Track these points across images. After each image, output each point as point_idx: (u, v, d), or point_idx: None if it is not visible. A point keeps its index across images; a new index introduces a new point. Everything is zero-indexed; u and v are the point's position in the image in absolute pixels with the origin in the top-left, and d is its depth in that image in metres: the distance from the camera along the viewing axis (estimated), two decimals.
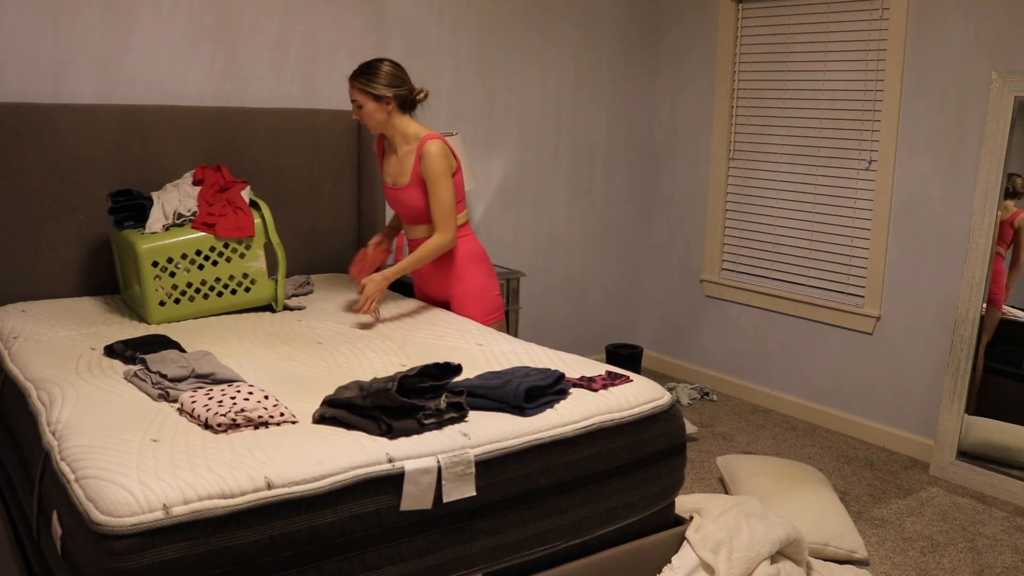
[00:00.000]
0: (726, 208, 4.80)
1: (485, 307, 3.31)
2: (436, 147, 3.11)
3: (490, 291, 3.33)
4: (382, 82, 3.12)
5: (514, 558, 2.20)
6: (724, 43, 4.68)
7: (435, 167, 3.10)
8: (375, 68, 3.13)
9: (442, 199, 3.12)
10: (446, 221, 3.14)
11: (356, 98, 3.15)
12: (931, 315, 3.94)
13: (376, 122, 3.18)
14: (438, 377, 2.21)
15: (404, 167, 3.22)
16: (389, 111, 3.16)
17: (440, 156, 3.11)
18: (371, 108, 3.14)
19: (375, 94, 3.12)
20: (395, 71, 3.16)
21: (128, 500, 1.72)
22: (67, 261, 3.36)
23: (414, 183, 3.18)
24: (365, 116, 3.17)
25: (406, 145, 3.21)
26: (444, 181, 3.12)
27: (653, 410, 2.45)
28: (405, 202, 3.24)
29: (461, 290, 3.30)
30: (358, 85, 3.13)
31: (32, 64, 3.33)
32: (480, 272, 3.32)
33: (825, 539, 2.98)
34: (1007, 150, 3.57)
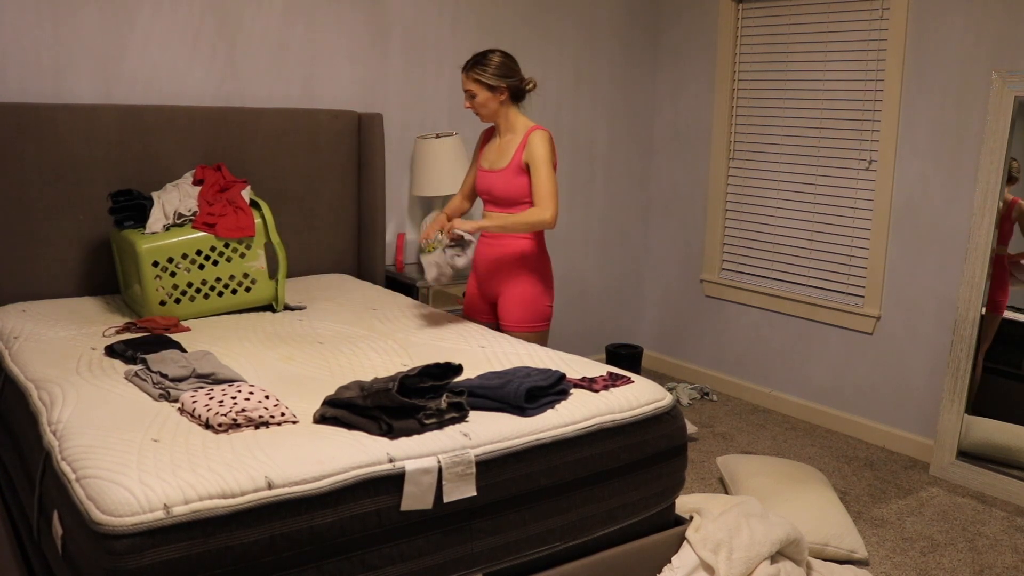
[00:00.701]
0: (726, 208, 4.80)
1: (533, 313, 3.26)
2: (544, 135, 3.17)
3: (542, 299, 3.29)
4: (496, 72, 3.16)
5: (514, 558, 2.20)
6: (724, 43, 4.68)
7: (541, 151, 3.14)
8: (488, 58, 3.17)
9: (545, 180, 3.13)
10: (549, 199, 3.13)
11: (470, 88, 3.18)
12: (931, 315, 3.94)
13: (489, 111, 3.21)
14: (439, 377, 2.21)
15: (505, 152, 3.24)
16: (501, 100, 3.19)
17: (546, 143, 3.15)
18: (484, 98, 3.17)
19: (489, 84, 3.15)
20: (508, 62, 3.20)
21: (129, 500, 1.72)
22: (67, 261, 3.36)
23: (512, 167, 3.19)
24: (478, 105, 3.20)
25: (510, 133, 3.24)
26: (548, 166, 3.14)
27: (654, 411, 2.45)
28: (497, 184, 3.24)
29: (513, 291, 3.26)
30: (473, 75, 3.16)
31: (32, 64, 3.33)
32: (537, 279, 3.28)
33: (825, 539, 2.98)
34: (1007, 150, 3.57)
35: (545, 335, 3.32)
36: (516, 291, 3.26)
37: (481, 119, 3.27)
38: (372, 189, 3.97)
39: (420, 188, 4.13)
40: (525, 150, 3.16)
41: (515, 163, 3.19)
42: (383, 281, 4.04)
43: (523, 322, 3.25)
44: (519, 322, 3.24)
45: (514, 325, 3.24)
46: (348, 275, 3.98)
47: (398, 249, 4.22)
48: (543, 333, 3.31)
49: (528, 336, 3.19)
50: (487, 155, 3.33)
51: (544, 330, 3.31)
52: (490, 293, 3.36)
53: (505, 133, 3.26)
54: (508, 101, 3.22)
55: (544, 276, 3.30)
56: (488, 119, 3.26)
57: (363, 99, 4.10)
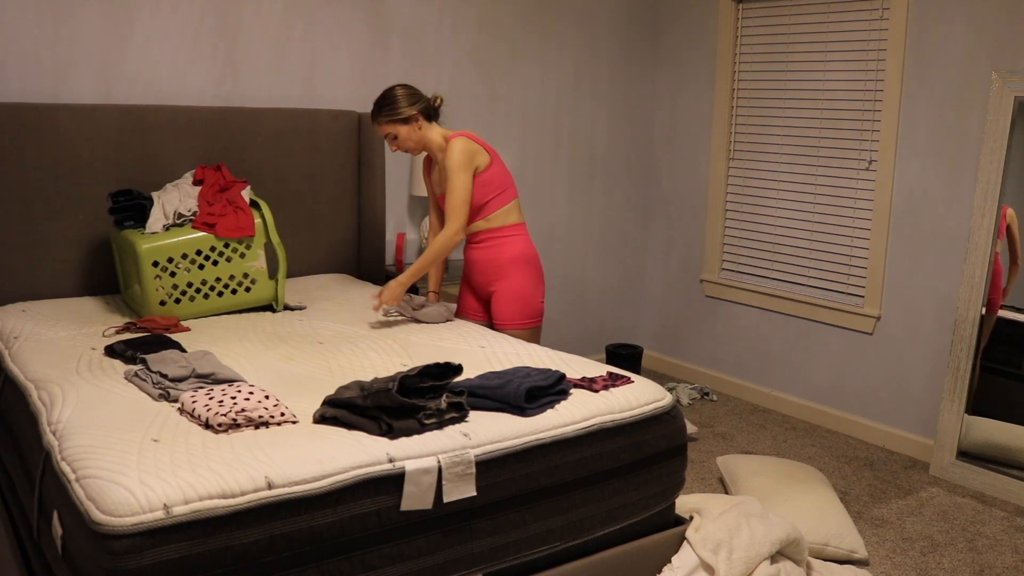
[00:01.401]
0: (726, 208, 4.80)
1: (524, 310, 3.28)
2: (459, 143, 3.17)
3: (534, 296, 3.31)
4: (405, 104, 3.17)
5: (514, 558, 2.20)
6: (724, 43, 4.68)
7: (452, 160, 3.15)
8: (392, 96, 3.20)
9: (456, 191, 3.15)
10: (453, 212, 3.16)
11: (388, 131, 3.21)
12: (931, 315, 3.94)
13: (414, 143, 3.24)
14: (439, 377, 2.21)
15: (444, 173, 3.25)
16: (419, 127, 3.21)
17: (460, 151, 3.15)
18: (404, 132, 3.20)
19: (403, 118, 3.17)
20: (409, 90, 3.23)
21: (129, 500, 1.72)
22: (67, 261, 3.36)
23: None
24: (403, 142, 3.22)
25: (440, 152, 3.26)
26: (459, 175, 3.15)
27: (654, 411, 2.45)
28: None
29: (504, 288, 3.28)
30: (384, 119, 3.19)
31: (32, 64, 3.32)
32: (527, 275, 3.30)
33: (825, 539, 2.98)
34: (1007, 150, 3.57)
35: (538, 332, 3.34)
36: (508, 289, 3.28)
37: (413, 154, 3.29)
38: (372, 189, 3.97)
39: (420, 188, 4.13)
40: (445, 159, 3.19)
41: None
42: (383, 281, 4.03)
43: (516, 319, 3.27)
44: (512, 319, 3.26)
45: (507, 323, 3.26)
46: (348, 275, 3.98)
47: (398, 249, 4.22)
48: (536, 330, 3.33)
49: (521, 333, 3.21)
50: (435, 181, 3.38)
51: (537, 326, 3.33)
52: (482, 293, 3.39)
53: (437, 154, 3.28)
54: (425, 124, 3.22)
55: (534, 272, 3.32)
56: (417, 150, 3.28)
57: (363, 99, 4.09)
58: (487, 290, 3.35)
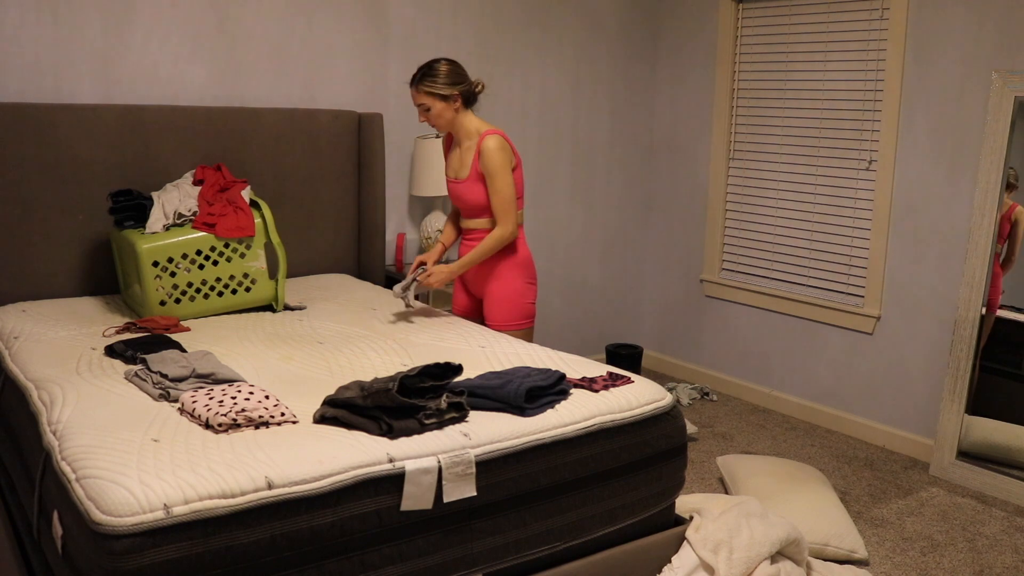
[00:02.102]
0: (726, 208, 4.80)
1: (516, 311, 3.29)
2: (494, 142, 3.14)
3: (525, 297, 3.31)
4: (447, 80, 3.14)
5: (514, 558, 2.20)
6: (724, 43, 4.68)
7: (494, 161, 3.13)
8: (436, 68, 3.15)
9: (501, 192, 3.15)
10: (506, 214, 3.16)
11: (423, 101, 3.15)
12: (931, 315, 3.94)
13: (445, 121, 3.20)
14: (439, 377, 2.21)
15: (465, 161, 3.24)
16: (456, 108, 3.19)
17: (498, 151, 3.13)
18: (439, 108, 3.16)
19: (441, 94, 3.14)
20: (455, 68, 3.18)
21: (129, 500, 1.72)
22: (67, 261, 3.36)
23: (473, 177, 3.21)
24: (434, 117, 3.18)
25: (468, 140, 3.24)
26: (503, 175, 3.14)
27: (654, 411, 2.44)
28: (464, 196, 3.26)
29: (496, 289, 3.29)
30: (424, 88, 3.14)
31: (32, 64, 3.32)
32: (519, 276, 3.30)
33: (825, 539, 2.98)
34: (1007, 150, 3.57)
35: (530, 332, 3.35)
36: (500, 290, 3.28)
37: (438, 130, 3.27)
38: (372, 189, 3.97)
39: (420, 188, 4.13)
40: (480, 159, 3.16)
41: (474, 172, 3.20)
42: (383, 281, 4.04)
43: (507, 320, 3.27)
44: (503, 321, 3.27)
45: (498, 324, 3.26)
46: (348, 275, 3.98)
47: (398, 249, 4.22)
48: (528, 331, 3.34)
49: (513, 335, 3.20)
50: (451, 164, 3.35)
51: (528, 327, 3.34)
52: (476, 293, 3.40)
53: (463, 140, 3.26)
54: (462, 108, 3.20)
55: (527, 273, 3.32)
56: (445, 129, 3.25)
57: (363, 99, 4.10)
58: (480, 289, 3.36)
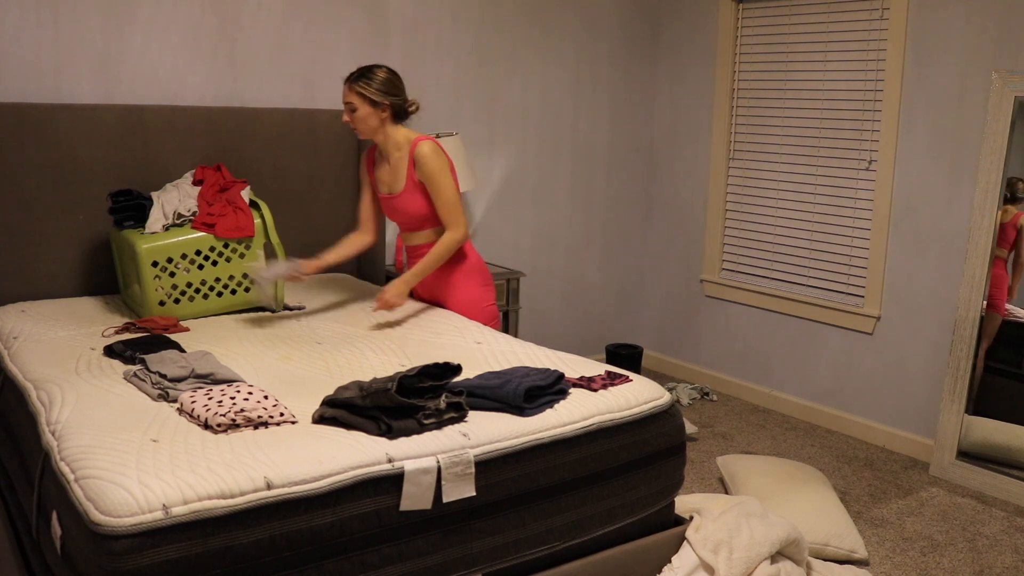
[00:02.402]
0: (726, 208, 4.80)
1: (478, 317, 3.26)
2: (428, 147, 3.11)
3: (485, 300, 3.31)
4: (381, 87, 3.10)
5: (514, 558, 2.20)
6: (724, 43, 4.68)
7: (432, 166, 3.11)
8: (373, 73, 3.11)
9: (445, 194, 3.13)
10: (455, 216, 3.14)
11: (351, 100, 3.11)
12: (931, 315, 3.94)
13: (368, 127, 3.15)
14: (438, 377, 2.21)
15: (398, 174, 3.21)
16: (383, 118, 3.15)
17: (434, 155, 3.11)
18: (365, 112, 3.11)
19: (371, 99, 3.10)
20: (393, 79, 3.15)
21: (128, 500, 1.72)
22: (67, 261, 3.36)
23: (410, 188, 3.18)
24: (357, 120, 3.13)
25: (397, 152, 3.20)
26: (443, 177, 3.12)
27: (653, 410, 2.45)
28: (403, 208, 3.24)
29: (455, 300, 3.29)
30: (356, 88, 3.10)
31: (32, 64, 3.33)
32: (475, 282, 3.30)
33: (825, 539, 2.98)
34: (1007, 150, 3.57)
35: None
36: (457, 299, 3.27)
37: (358, 135, 3.21)
38: None
39: None
40: (416, 168, 3.13)
41: (410, 183, 3.17)
42: (383, 281, 4.03)
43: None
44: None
45: None
46: (348, 275, 3.98)
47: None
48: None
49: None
50: (382, 179, 3.30)
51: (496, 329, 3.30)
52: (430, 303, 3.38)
53: (392, 152, 3.21)
54: (389, 120, 3.16)
55: (481, 277, 3.32)
56: (366, 135, 3.19)
57: None
58: (438, 301, 3.35)
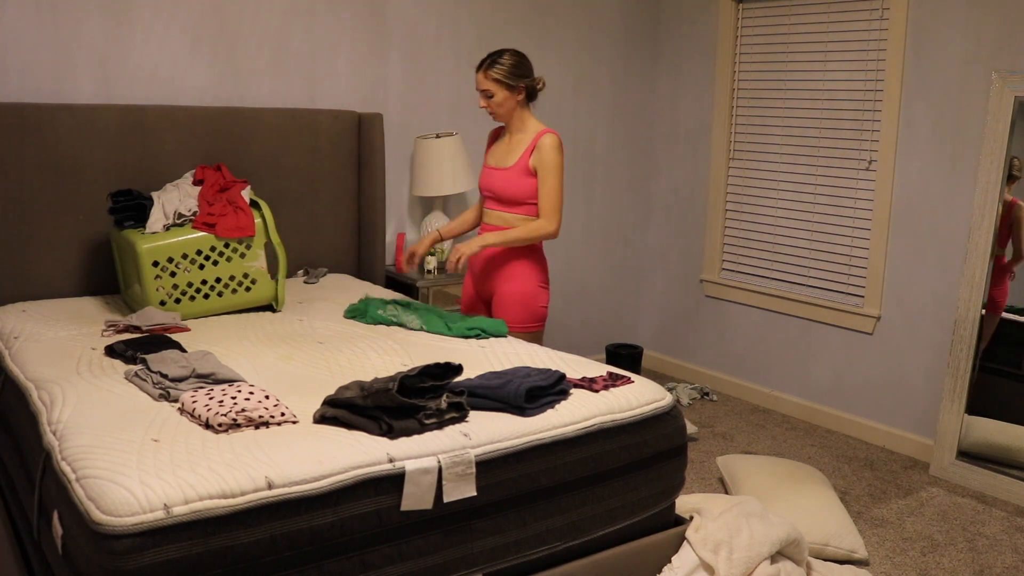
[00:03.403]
0: (726, 208, 4.80)
1: (529, 313, 3.25)
2: (555, 140, 3.16)
3: (539, 299, 3.28)
4: (515, 71, 3.16)
5: (514, 558, 2.20)
6: (724, 43, 4.68)
7: (552, 159, 3.14)
8: (506, 57, 3.16)
9: (553, 190, 3.15)
10: (554, 212, 3.15)
11: (487, 87, 3.16)
12: (931, 315, 3.94)
13: (505, 111, 3.20)
14: (439, 377, 2.21)
15: (513, 151, 3.23)
16: (519, 100, 3.20)
17: (557, 150, 3.15)
18: (502, 97, 3.17)
19: (508, 83, 3.16)
20: (524, 60, 3.20)
21: (129, 500, 1.72)
22: (67, 261, 3.36)
23: (518, 167, 3.19)
24: (495, 105, 3.19)
25: (521, 133, 3.24)
26: (557, 173, 3.14)
27: (654, 411, 2.45)
28: (502, 184, 3.23)
29: (510, 289, 3.25)
30: (492, 74, 3.15)
31: (32, 64, 3.33)
32: (535, 278, 3.27)
33: (825, 539, 2.98)
34: (1007, 150, 3.57)
35: (539, 336, 3.30)
36: (511, 290, 3.25)
37: (496, 119, 3.25)
38: (372, 189, 3.97)
39: (420, 188, 4.13)
40: (535, 153, 3.15)
41: (522, 163, 3.18)
42: (383, 281, 4.04)
43: (517, 322, 3.23)
44: (515, 322, 3.22)
45: (510, 326, 3.19)
46: (348, 275, 3.98)
47: (398, 249, 4.22)
48: (538, 334, 3.29)
49: (522, 337, 3.15)
50: (494, 152, 3.32)
51: (539, 331, 3.29)
52: (485, 292, 3.35)
53: (516, 132, 3.25)
54: (524, 101, 3.22)
55: (540, 275, 3.29)
56: (503, 119, 3.24)
57: (363, 99, 4.10)
58: (490, 289, 3.32)
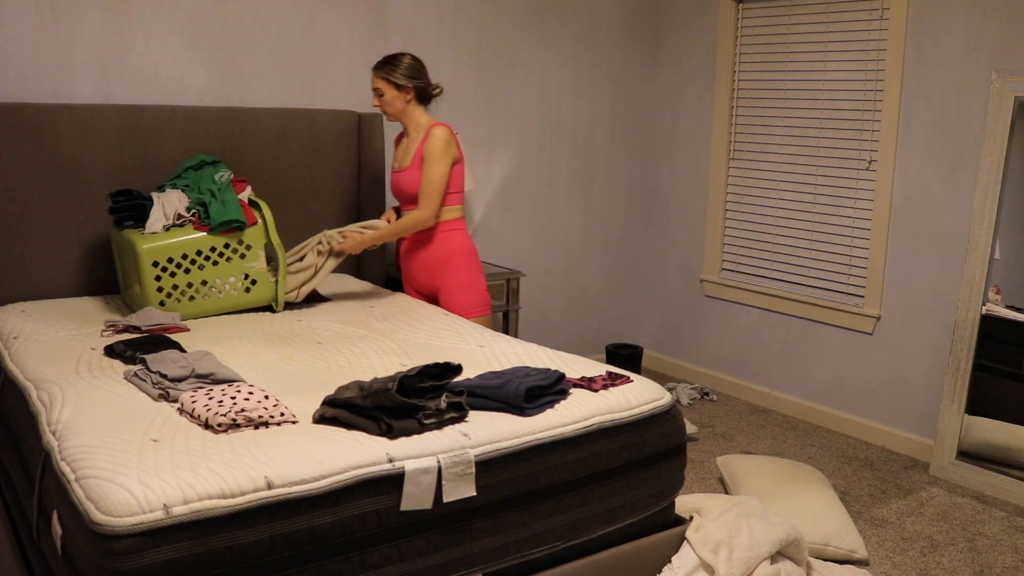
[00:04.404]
0: (726, 208, 4.80)
1: (473, 300, 3.44)
2: (442, 132, 3.35)
3: (478, 285, 3.48)
4: (403, 73, 3.37)
5: (514, 558, 2.20)
6: (724, 43, 4.68)
7: (436, 147, 3.32)
8: (398, 59, 3.39)
9: (432, 177, 3.32)
10: (429, 198, 3.33)
11: (378, 86, 3.39)
12: (931, 315, 3.94)
13: (394, 109, 3.41)
14: (438, 377, 2.21)
15: (409, 150, 3.43)
16: (407, 100, 3.40)
17: (442, 140, 3.33)
18: (391, 96, 3.38)
19: (396, 83, 3.37)
20: (416, 64, 3.43)
21: (128, 500, 1.72)
22: (67, 261, 3.36)
23: (415, 165, 3.39)
24: (384, 103, 3.40)
25: (416, 132, 3.44)
26: (439, 162, 3.32)
27: (653, 410, 2.45)
28: (403, 184, 3.43)
29: (450, 282, 3.44)
30: (381, 74, 3.37)
31: (32, 64, 3.33)
32: (470, 265, 3.46)
33: (825, 539, 2.98)
34: (1007, 150, 3.57)
35: (490, 320, 3.49)
36: (457, 280, 3.43)
37: (387, 117, 3.46)
38: (372, 189, 3.97)
39: None
40: (425, 144, 3.33)
41: (417, 158, 3.37)
42: (383, 281, 4.04)
43: (470, 309, 3.41)
44: (466, 309, 3.40)
45: (462, 313, 3.37)
46: (348, 275, 3.98)
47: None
48: (488, 318, 3.48)
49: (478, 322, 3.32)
50: (397, 156, 3.54)
51: (488, 315, 3.48)
52: (427, 289, 3.53)
53: (412, 132, 3.45)
54: (414, 101, 3.41)
55: (475, 260, 3.48)
56: (393, 118, 3.44)
57: (363, 99, 4.10)
58: (433, 284, 3.48)
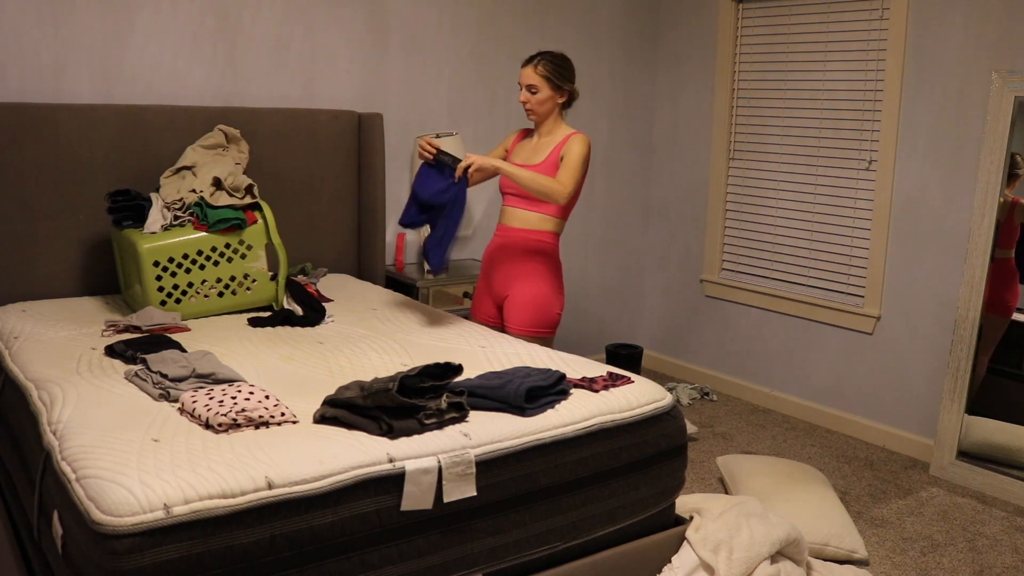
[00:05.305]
0: (726, 208, 4.80)
1: (543, 318, 3.16)
2: (586, 138, 3.15)
3: (553, 305, 3.20)
4: (567, 74, 3.16)
5: (514, 558, 2.20)
6: (724, 43, 4.68)
7: (578, 148, 3.11)
8: (563, 59, 3.16)
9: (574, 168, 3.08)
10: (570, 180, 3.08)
11: (535, 83, 3.13)
12: (931, 315, 3.94)
13: (545, 110, 3.17)
14: (439, 377, 2.21)
15: (541, 150, 3.19)
16: (559, 103, 3.19)
17: (585, 146, 3.12)
18: (546, 95, 3.14)
19: (555, 82, 3.14)
20: (572, 66, 3.19)
21: (129, 500, 1.72)
22: (67, 261, 3.36)
23: (547, 163, 3.14)
24: (536, 102, 3.15)
25: (550, 136, 3.21)
26: (580, 165, 3.10)
27: (654, 411, 2.45)
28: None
29: (525, 291, 3.17)
30: (541, 71, 3.13)
31: (32, 64, 3.33)
32: (551, 282, 3.20)
33: (825, 539, 2.98)
34: (1007, 150, 3.57)
35: (550, 342, 3.22)
36: (528, 292, 3.16)
37: (533, 117, 3.21)
38: (372, 189, 3.97)
39: None
40: (564, 147, 3.12)
41: (551, 159, 3.14)
42: (383, 281, 4.04)
43: (530, 326, 3.14)
44: (526, 326, 3.14)
45: (521, 329, 3.13)
46: (348, 275, 3.98)
47: (398, 249, 4.22)
48: (548, 340, 3.21)
49: (533, 342, 3.03)
50: (518, 152, 3.27)
51: (550, 336, 3.21)
52: (498, 293, 3.26)
53: (545, 135, 3.22)
54: (562, 106, 3.20)
55: (557, 280, 3.22)
56: (539, 119, 3.20)
57: (363, 99, 4.10)
58: (506, 289, 3.22)
